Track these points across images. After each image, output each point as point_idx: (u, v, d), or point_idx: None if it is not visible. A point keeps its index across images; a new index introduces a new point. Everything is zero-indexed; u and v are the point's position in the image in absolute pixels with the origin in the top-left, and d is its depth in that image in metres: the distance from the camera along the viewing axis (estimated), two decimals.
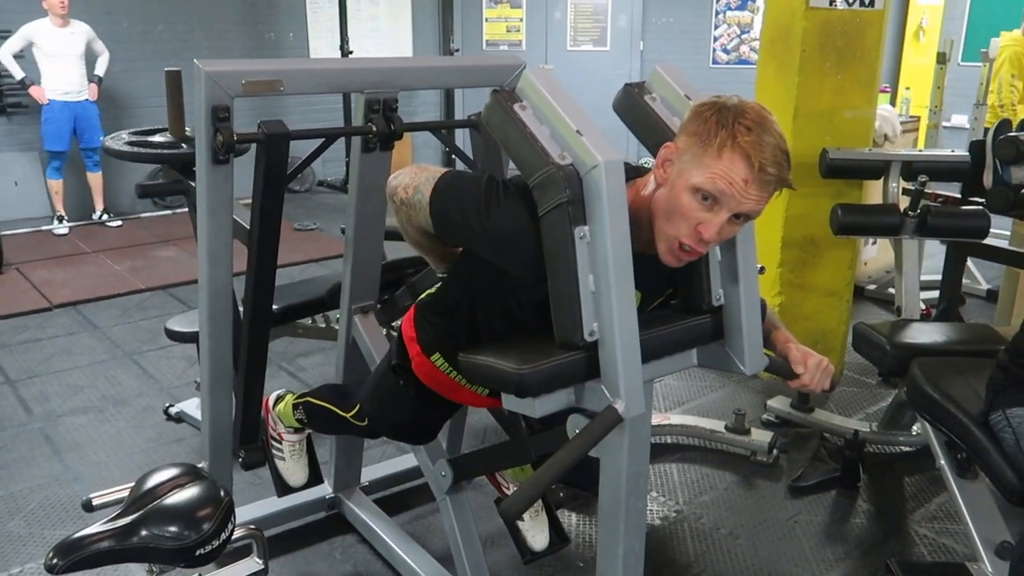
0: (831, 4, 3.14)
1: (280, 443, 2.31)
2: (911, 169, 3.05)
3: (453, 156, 8.17)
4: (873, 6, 3.17)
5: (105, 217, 6.37)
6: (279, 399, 2.31)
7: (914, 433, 3.00)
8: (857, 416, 3.29)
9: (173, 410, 3.31)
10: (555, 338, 1.35)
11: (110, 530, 1.12)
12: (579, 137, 1.28)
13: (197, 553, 1.14)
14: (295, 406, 2.20)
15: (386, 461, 2.86)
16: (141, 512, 1.14)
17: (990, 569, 2.22)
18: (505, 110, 1.35)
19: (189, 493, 1.17)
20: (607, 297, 1.29)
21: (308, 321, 3.67)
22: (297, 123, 1.90)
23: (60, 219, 6.17)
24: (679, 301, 1.56)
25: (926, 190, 2.97)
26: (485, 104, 1.39)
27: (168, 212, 6.69)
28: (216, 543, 1.14)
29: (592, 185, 1.27)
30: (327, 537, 2.54)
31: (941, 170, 2.98)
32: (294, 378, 3.73)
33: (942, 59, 4.78)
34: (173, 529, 1.13)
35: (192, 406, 3.31)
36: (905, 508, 2.74)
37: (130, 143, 2.76)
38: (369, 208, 2.17)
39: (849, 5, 3.13)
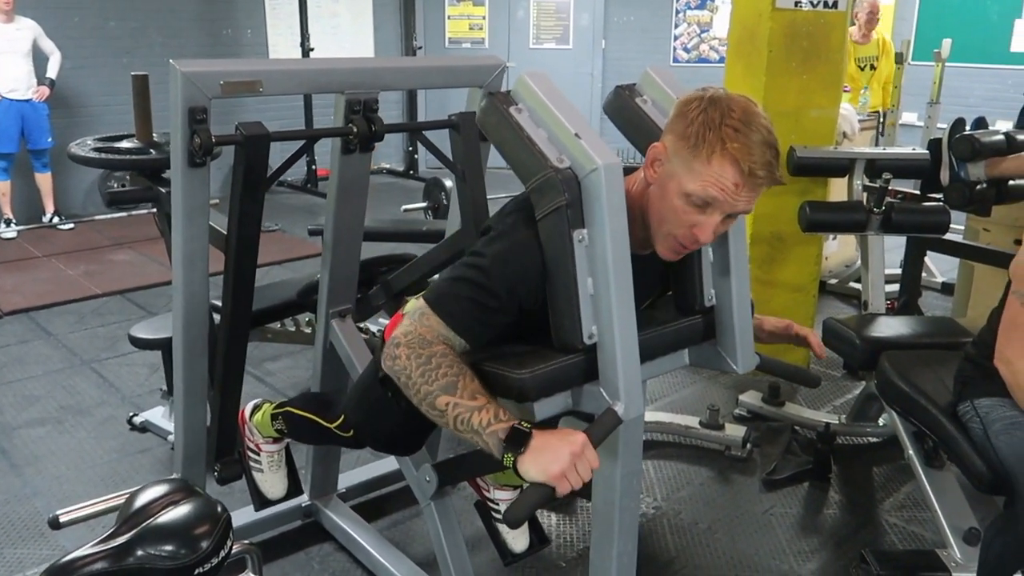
0: (796, 5, 3.19)
1: (258, 454, 2.25)
2: (874, 167, 3.12)
3: (416, 156, 8.05)
4: (837, 7, 3.23)
5: (56, 220, 6.18)
6: (256, 409, 2.25)
7: (881, 424, 3.07)
8: (825, 409, 3.36)
9: (137, 419, 3.22)
10: (553, 341, 1.35)
11: (103, 551, 1.07)
12: (577, 140, 1.28)
13: (196, 572, 1.10)
14: (274, 416, 2.14)
15: (363, 467, 2.83)
16: (135, 531, 1.10)
17: (959, 555, 2.29)
18: (501, 113, 1.34)
19: (185, 510, 1.13)
20: (607, 300, 1.29)
21: (277, 325, 3.62)
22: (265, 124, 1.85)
23: (8, 222, 5.96)
24: (671, 302, 1.57)
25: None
26: (480, 106, 1.38)
27: (122, 214, 6.52)
28: (215, 561, 1.10)
29: (591, 188, 1.27)
30: (304, 546, 2.50)
31: (903, 168, 3.06)
32: (262, 383, 3.66)
33: (899, 59, 4.90)
34: (170, 548, 1.09)
35: (158, 415, 3.23)
36: (875, 498, 2.81)
37: (97, 149, 2.68)
38: (348, 210, 2.14)
39: (814, 6, 3.19)
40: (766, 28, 3.23)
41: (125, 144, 2.82)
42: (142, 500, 1.15)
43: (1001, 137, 3.02)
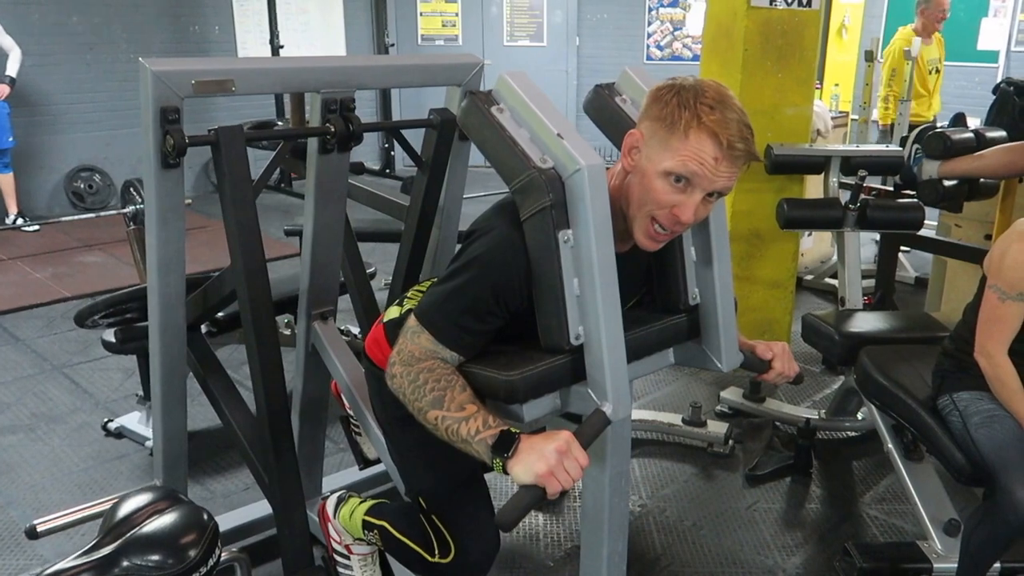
0: (771, 3, 3.21)
1: (348, 558, 1.95)
2: (850, 164, 3.15)
3: (393, 154, 7.97)
4: (811, 6, 3.25)
5: (20, 221, 6.04)
6: (340, 503, 1.96)
7: (859, 419, 3.09)
8: (805, 404, 3.38)
9: (112, 425, 3.17)
10: (540, 342, 1.34)
11: (87, 563, 1.04)
12: (560, 140, 1.27)
13: None
14: (368, 525, 1.83)
15: (346, 470, 2.80)
16: (120, 541, 1.07)
17: (939, 546, 2.31)
18: (483, 113, 1.33)
19: (170, 518, 1.10)
20: (593, 300, 1.28)
21: None
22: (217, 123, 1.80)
23: None
24: (655, 301, 1.56)
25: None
26: (461, 106, 1.37)
27: (90, 215, 6.40)
28: (204, 570, 1.08)
29: (575, 189, 1.26)
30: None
31: (878, 165, 3.09)
32: (240, 387, 3.60)
33: (870, 57, 4.96)
34: (157, 558, 1.06)
35: (133, 420, 3.17)
36: (855, 492, 2.83)
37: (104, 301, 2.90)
38: (327, 211, 2.11)
39: (788, 5, 3.21)
40: (742, 26, 3.24)
41: None
42: (126, 509, 1.12)
43: (971, 135, 3.06)
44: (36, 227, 6.07)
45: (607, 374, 1.30)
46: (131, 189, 5.92)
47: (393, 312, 1.68)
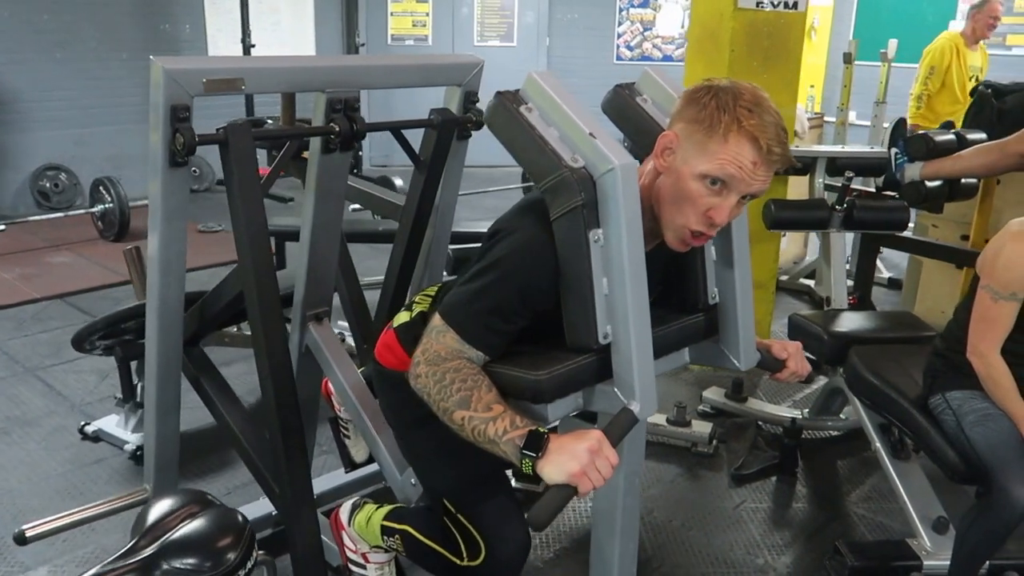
0: (758, 5, 3.24)
1: (365, 567, 1.92)
2: (835, 165, 3.19)
3: (361, 153, 7.85)
4: (796, 8, 3.30)
5: None
6: (356, 510, 1.94)
7: (843, 418, 3.14)
8: (786, 403, 3.43)
9: (89, 428, 3.08)
10: (567, 342, 1.33)
11: (127, 565, 1.01)
12: (592, 140, 1.27)
13: None
14: (387, 530, 1.81)
15: (333, 472, 2.76)
16: (157, 544, 1.04)
17: (928, 543, 2.36)
18: (511, 112, 1.32)
19: (206, 521, 1.07)
20: (622, 300, 1.28)
21: (234, 329, 3.51)
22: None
23: None
24: (671, 300, 1.57)
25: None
26: (488, 105, 1.36)
27: (58, 215, 6.24)
28: (242, 573, 1.05)
29: (607, 188, 1.26)
30: (275, 555, 2.42)
31: (863, 166, 3.14)
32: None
33: (848, 59, 5.05)
34: (195, 560, 1.03)
35: (111, 423, 3.10)
36: (841, 490, 2.87)
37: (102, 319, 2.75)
38: (326, 211, 2.09)
39: (774, 6, 3.25)
40: (728, 28, 3.27)
41: None
42: (158, 512, 1.09)
43: (952, 136, 3.12)
44: (2, 227, 5.90)
45: (635, 373, 1.30)
46: (100, 188, 5.81)
47: (403, 317, 1.66)
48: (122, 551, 1.05)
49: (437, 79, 2.13)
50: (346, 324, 2.85)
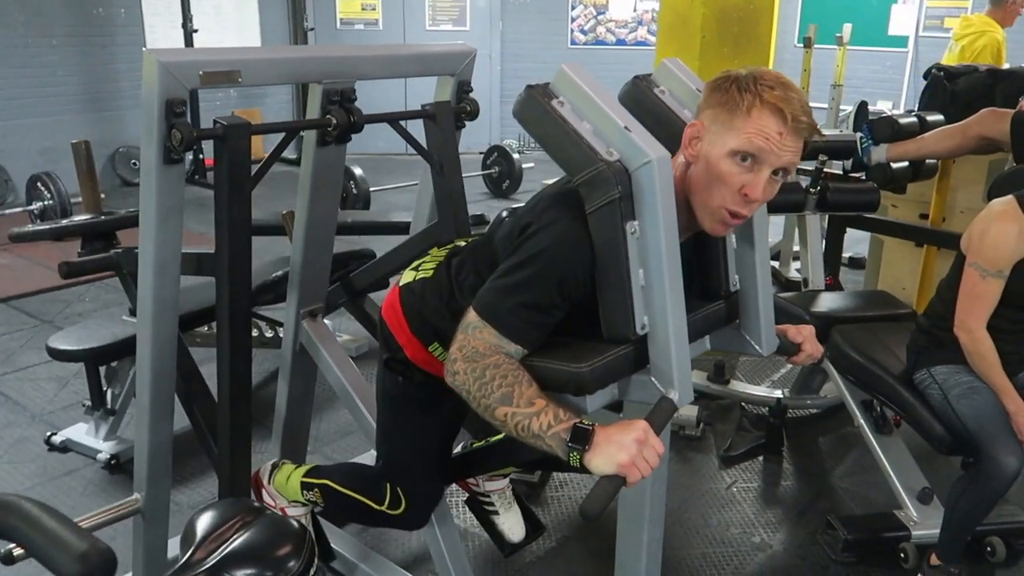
0: None
1: None
2: (806, 149, 3.23)
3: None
4: None
5: None
6: (275, 469, 2.08)
7: (823, 396, 3.22)
8: (765, 383, 3.49)
9: (57, 439, 2.97)
10: (603, 333, 1.33)
11: None
12: (627, 133, 1.26)
13: None
14: (307, 486, 1.96)
15: None
16: (217, 556, 1.00)
17: (915, 514, 2.44)
18: (542, 106, 1.31)
19: (264, 530, 1.04)
20: (660, 290, 1.28)
21: (204, 328, 3.41)
22: None
23: None
24: (692, 288, 1.57)
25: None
26: (518, 99, 1.34)
27: None
28: None
29: (643, 181, 1.25)
30: None
31: (836, 149, 3.18)
32: None
33: (808, 43, 5.14)
34: (258, 571, 0.99)
35: (80, 432, 2.99)
36: (827, 466, 2.95)
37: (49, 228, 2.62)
38: (321, 205, 2.04)
39: None
40: (699, 14, 3.29)
41: (76, 219, 2.77)
42: (208, 523, 1.04)
43: (915, 119, 3.21)
44: None
45: (673, 362, 1.31)
46: (38, 184, 5.55)
47: (408, 276, 1.71)
48: (179, 565, 1.00)
49: (432, 68, 2.10)
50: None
